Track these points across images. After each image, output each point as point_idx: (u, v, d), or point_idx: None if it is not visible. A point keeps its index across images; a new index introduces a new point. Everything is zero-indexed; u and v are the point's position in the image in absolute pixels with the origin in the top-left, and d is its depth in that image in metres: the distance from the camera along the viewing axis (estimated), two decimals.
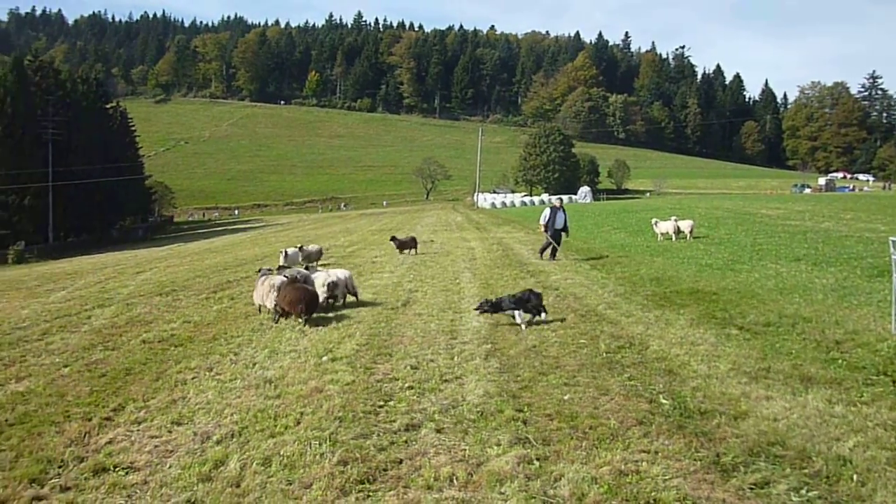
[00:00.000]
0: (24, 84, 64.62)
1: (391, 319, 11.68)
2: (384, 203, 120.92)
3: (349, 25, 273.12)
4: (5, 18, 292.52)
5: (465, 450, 5.85)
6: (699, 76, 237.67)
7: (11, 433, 6.81)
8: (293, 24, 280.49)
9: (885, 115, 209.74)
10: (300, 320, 11.38)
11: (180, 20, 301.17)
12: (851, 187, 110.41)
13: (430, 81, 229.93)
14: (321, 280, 12.98)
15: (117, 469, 5.85)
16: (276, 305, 11.81)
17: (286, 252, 20.36)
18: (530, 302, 10.72)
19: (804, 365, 7.80)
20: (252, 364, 9.10)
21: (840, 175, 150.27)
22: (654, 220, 25.91)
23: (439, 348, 9.45)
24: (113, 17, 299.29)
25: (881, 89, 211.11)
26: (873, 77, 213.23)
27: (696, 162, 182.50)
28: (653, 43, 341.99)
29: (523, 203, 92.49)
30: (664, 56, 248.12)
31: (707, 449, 5.63)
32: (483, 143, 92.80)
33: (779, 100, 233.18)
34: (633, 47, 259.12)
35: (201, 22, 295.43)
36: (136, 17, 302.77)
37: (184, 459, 5.96)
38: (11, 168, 58.94)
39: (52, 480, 5.68)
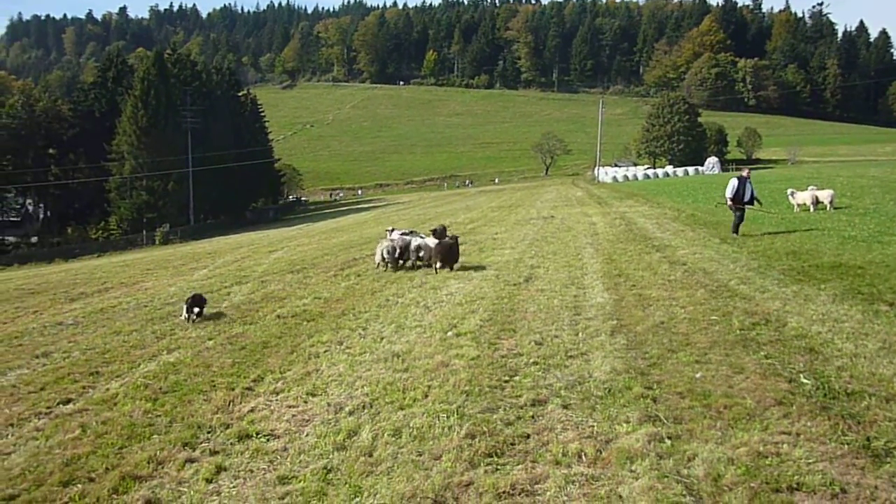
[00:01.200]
0: (165, 76, 68.98)
1: (514, 295, 11.66)
2: (495, 180, 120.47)
3: (465, 3, 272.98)
4: (147, 15, 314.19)
5: (592, 426, 5.77)
6: (839, 35, 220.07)
7: (165, 400, 7.38)
8: (411, 5, 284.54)
9: None
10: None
11: (304, 7, 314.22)
12: None
13: (547, 55, 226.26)
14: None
15: (259, 436, 6.21)
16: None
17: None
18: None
19: None
20: (380, 338, 9.37)
21: None
22: (790, 191, 24.40)
23: (563, 324, 9.35)
24: (242, 9, 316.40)
25: None
26: None
27: (837, 127, 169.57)
28: (787, 1, 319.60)
29: (646, 176, 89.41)
30: (800, 15, 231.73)
31: (855, 432, 5.27)
32: (603, 115, 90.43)
33: None
34: (765, 7, 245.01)
35: (323, 8, 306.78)
36: (263, 6, 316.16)
37: (319, 428, 6.25)
38: (156, 156, 63.36)
39: (203, 445, 6.11)
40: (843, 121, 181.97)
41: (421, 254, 15.70)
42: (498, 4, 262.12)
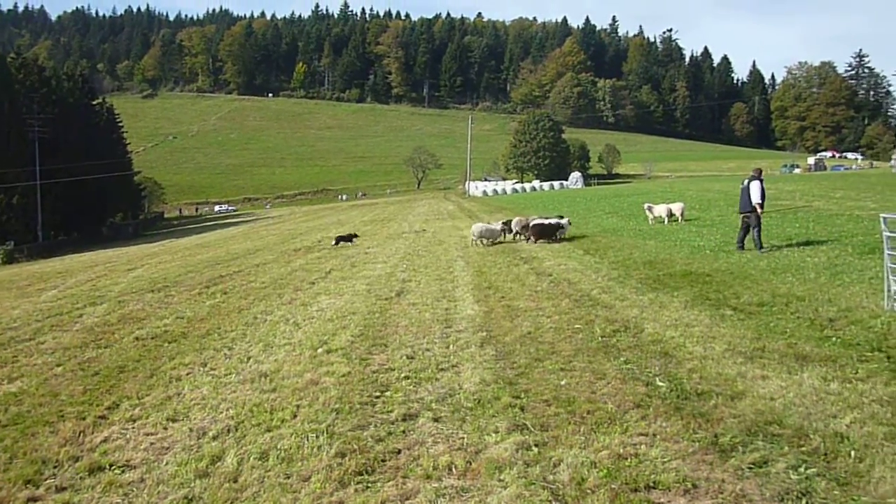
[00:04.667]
0: (9, 82, 63.87)
1: (385, 310, 11.64)
2: (359, 194, 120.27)
3: (336, 16, 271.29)
4: None
5: (463, 438, 5.83)
6: (687, 59, 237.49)
7: (5, 434, 6.76)
8: (279, 16, 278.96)
9: (871, 93, 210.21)
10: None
11: (165, 14, 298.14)
12: (846, 166, 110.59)
13: (418, 70, 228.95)
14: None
15: (113, 467, 5.81)
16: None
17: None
18: None
19: (799, 343, 7.81)
20: (247, 358, 9.05)
21: (829, 154, 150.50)
22: (646, 205, 25.87)
23: (434, 337, 9.42)
24: (97, 13, 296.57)
25: (868, 68, 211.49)
26: (860, 56, 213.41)
27: (686, 145, 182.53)
28: (640, 27, 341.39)
29: (514, 190, 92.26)
30: (652, 40, 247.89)
31: (705, 430, 5.62)
32: (473, 131, 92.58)
33: (766, 81, 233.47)
34: (621, 31, 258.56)
35: (186, 15, 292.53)
36: (120, 11, 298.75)
37: (180, 456, 5.93)
38: None
39: (48, 481, 5.64)
40: (692, 138, 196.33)
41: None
42: (368, 19, 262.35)
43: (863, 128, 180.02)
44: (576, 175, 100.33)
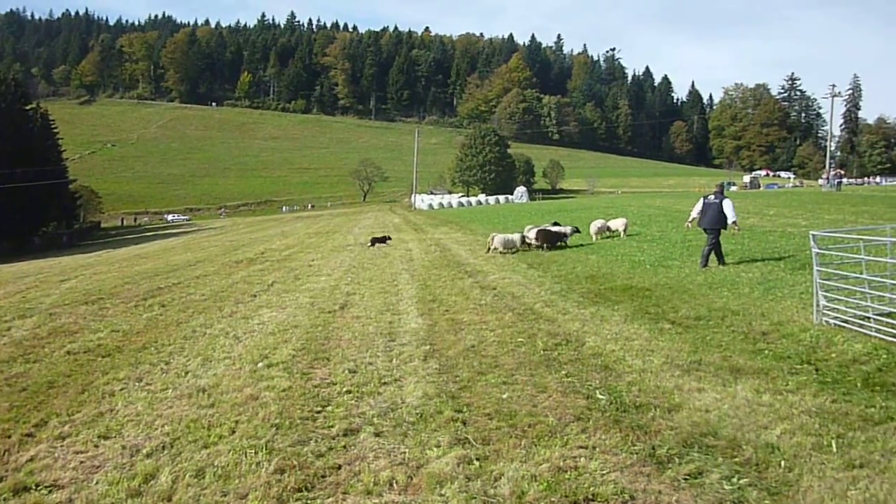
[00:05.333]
0: None
1: (329, 323, 11.53)
2: (308, 206, 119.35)
3: (282, 26, 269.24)
4: None
5: (404, 453, 5.79)
6: (630, 78, 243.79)
7: None
8: (224, 24, 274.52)
9: (803, 115, 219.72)
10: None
11: (104, 18, 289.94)
12: (780, 185, 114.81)
13: (365, 83, 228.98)
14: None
15: (40, 487, 5.57)
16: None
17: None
18: None
19: (733, 356, 8.04)
20: (184, 373, 8.83)
21: (763, 173, 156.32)
22: (593, 225, 25.09)
23: (378, 351, 9.37)
24: (32, 15, 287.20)
25: (799, 90, 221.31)
26: (792, 79, 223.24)
27: (628, 161, 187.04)
28: (584, 45, 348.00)
29: (461, 204, 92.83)
30: (595, 58, 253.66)
31: (643, 442, 5.72)
32: (419, 144, 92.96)
33: (705, 101, 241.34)
34: (566, 49, 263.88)
35: (127, 21, 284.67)
36: (58, 14, 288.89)
37: (111, 474, 5.72)
38: None
39: None
40: (634, 155, 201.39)
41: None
42: (315, 30, 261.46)
43: (794, 148, 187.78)
44: (521, 189, 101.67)
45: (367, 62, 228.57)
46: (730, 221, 15.67)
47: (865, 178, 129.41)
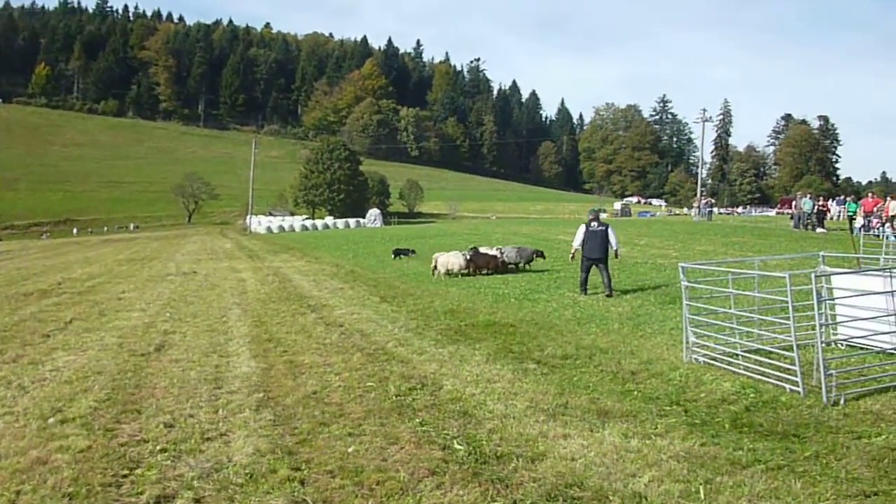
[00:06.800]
0: None
1: (141, 368, 10.97)
2: (130, 226, 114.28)
3: (91, 11, 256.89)
4: None
5: None
6: (495, 92, 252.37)
7: None
8: (15, 5, 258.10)
9: (674, 139, 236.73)
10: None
11: None
12: (652, 213, 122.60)
13: (192, 83, 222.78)
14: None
15: None
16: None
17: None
18: None
19: (601, 398, 8.44)
20: None
21: (635, 200, 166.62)
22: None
23: (200, 400, 9.02)
24: None
25: (671, 113, 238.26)
26: (663, 101, 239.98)
27: (493, 183, 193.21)
28: (447, 54, 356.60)
29: (304, 227, 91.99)
30: (458, 68, 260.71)
31: (504, 496, 5.85)
32: (257, 157, 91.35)
33: (575, 120, 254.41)
34: (426, 57, 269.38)
35: None
36: None
37: None
38: None
39: None
40: (499, 177, 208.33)
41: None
42: (132, 18, 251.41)
43: (666, 174, 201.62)
44: (374, 212, 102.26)
45: (196, 59, 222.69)
46: (612, 249, 17.27)
47: (734, 209, 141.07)
